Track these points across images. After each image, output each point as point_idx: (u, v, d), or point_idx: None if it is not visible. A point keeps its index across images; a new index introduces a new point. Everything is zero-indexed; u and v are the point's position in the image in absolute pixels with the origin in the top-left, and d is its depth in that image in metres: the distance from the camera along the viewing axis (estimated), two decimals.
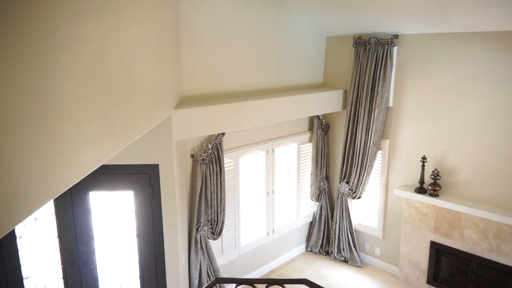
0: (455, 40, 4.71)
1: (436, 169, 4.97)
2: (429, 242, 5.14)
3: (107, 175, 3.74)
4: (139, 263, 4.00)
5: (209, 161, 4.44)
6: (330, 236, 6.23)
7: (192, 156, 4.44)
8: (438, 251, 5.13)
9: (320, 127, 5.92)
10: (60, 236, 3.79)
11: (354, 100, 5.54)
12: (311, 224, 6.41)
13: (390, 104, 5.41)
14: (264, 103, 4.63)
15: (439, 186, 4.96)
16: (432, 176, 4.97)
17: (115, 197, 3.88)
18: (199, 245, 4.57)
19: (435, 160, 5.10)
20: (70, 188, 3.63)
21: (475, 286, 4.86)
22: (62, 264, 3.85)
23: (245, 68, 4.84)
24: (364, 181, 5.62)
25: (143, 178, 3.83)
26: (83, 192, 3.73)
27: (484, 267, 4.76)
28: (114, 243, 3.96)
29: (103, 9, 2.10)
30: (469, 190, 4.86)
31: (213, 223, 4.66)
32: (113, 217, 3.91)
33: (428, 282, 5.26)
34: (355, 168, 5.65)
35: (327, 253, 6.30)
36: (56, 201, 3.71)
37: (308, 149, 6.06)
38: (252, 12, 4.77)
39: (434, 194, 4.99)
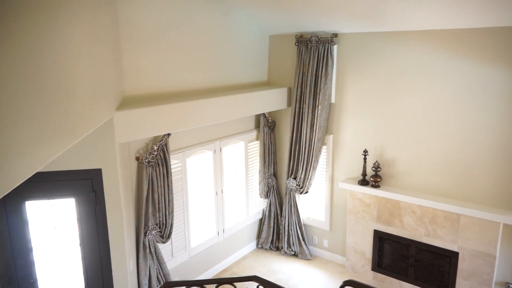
0: (389, 38, 4.98)
1: (376, 161, 5.23)
2: (373, 231, 5.41)
3: (45, 183, 3.53)
4: (84, 273, 3.82)
5: (155, 163, 4.34)
6: (279, 232, 6.35)
7: (137, 158, 4.32)
8: (381, 239, 5.40)
9: (267, 125, 6.00)
10: None
11: (298, 97, 5.67)
12: (261, 221, 6.48)
13: (333, 101, 5.60)
14: (209, 102, 4.60)
15: (380, 177, 5.22)
16: (373, 168, 5.22)
17: (55, 206, 3.67)
18: (147, 250, 4.45)
19: (376, 153, 5.36)
20: (4, 198, 3.39)
21: (415, 269, 5.19)
22: None
23: (189, 67, 4.78)
24: (311, 176, 5.78)
25: (85, 184, 3.66)
26: (18, 202, 3.49)
27: (422, 251, 5.09)
28: (55, 254, 3.75)
29: (35, 6, 1.98)
30: (407, 179, 5.17)
31: (161, 226, 4.57)
32: (54, 226, 3.71)
33: (373, 269, 5.53)
34: (302, 163, 5.79)
35: (278, 249, 6.41)
36: None
37: (255, 147, 6.12)
38: (194, 11, 4.71)
39: (376, 185, 5.24)
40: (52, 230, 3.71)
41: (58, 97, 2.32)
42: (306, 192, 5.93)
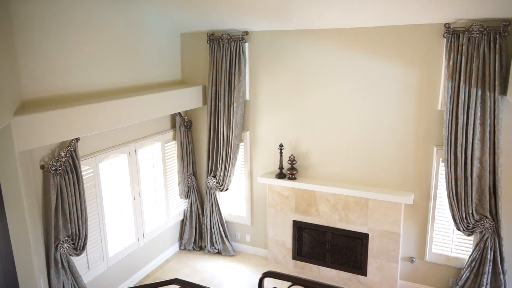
0: (297, 36, 5.20)
1: (292, 154, 5.45)
2: (292, 221, 5.64)
3: None
4: None
5: (63, 171, 4.03)
6: (202, 231, 6.31)
7: (42, 167, 3.97)
8: (300, 229, 5.66)
9: (183, 124, 5.91)
10: None
11: (213, 95, 5.68)
12: (183, 222, 6.39)
13: (247, 98, 5.71)
14: (120, 103, 4.39)
15: (296, 169, 5.46)
16: (289, 162, 5.44)
17: None
18: (60, 265, 4.13)
19: (291, 147, 5.59)
20: None
21: (331, 254, 5.53)
22: None
23: (96, 67, 4.51)
24: (230, 173, 5.83)
25: None
26: None
27: (337, 236, 5.44)
28: None
29: None
30: (320, 170, 5.47)
31: (74, 237, 4.26)
32: None
33: (294, 258, 5.77)
34: (220, 161, 5.82)
35: (201, 248, 6.37)
36: None
37: (173, 147, 6.00)
38: (98, 6, 4.45)
39: (292, 177, 5.47)
40: None
41: None
42: (226, 189, 5.97)
